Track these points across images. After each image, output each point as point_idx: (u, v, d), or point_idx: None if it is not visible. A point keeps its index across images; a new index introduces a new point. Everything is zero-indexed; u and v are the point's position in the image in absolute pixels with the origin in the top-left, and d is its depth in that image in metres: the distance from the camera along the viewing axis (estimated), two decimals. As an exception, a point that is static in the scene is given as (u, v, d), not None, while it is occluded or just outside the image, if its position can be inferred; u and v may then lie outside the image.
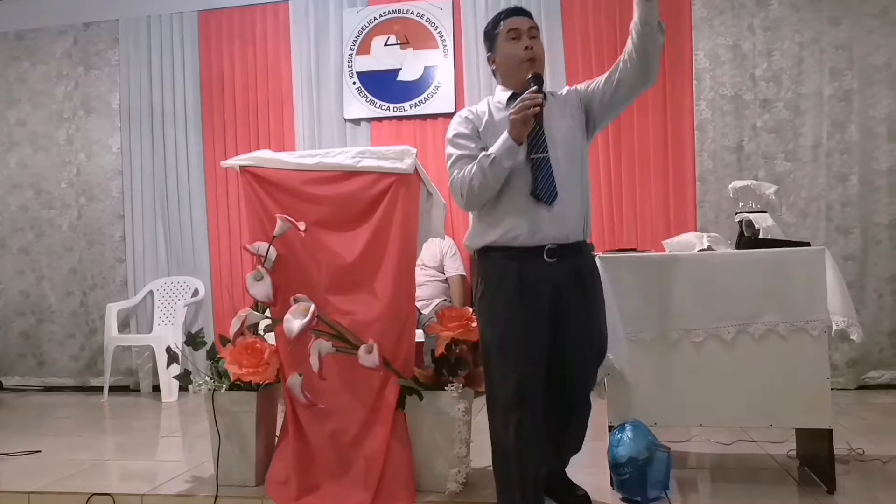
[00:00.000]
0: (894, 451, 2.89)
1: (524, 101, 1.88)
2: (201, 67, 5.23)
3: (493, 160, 1.91)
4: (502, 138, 1.92)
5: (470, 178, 1.94)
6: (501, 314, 1.98)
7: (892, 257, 4.44)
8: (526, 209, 1.96)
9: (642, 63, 1.92)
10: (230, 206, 5.12)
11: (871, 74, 4.48)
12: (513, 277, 1.97)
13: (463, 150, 2.05)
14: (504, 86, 2.14)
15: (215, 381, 2.62)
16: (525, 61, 2.05)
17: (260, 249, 2.59)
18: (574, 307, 2.02)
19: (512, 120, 1.89)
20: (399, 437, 2.47)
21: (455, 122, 2.13)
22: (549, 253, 1.97)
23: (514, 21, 2.10)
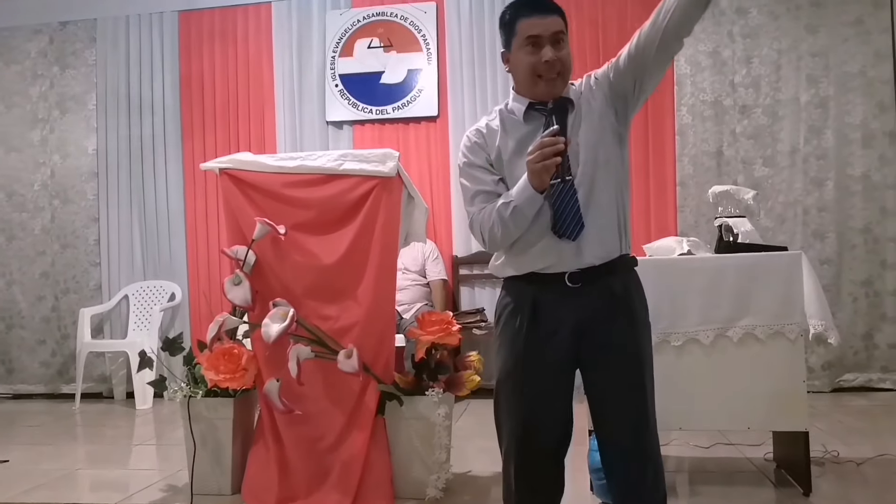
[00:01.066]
0: (868, 454, 2.92)
1: (543, 145, 1.54)
2: (181, 68, 5.18)
3: (513, 210, 1.61)
4: (522, 184, 1.60)
5: (490, 227, 1.66)
6: (511, 344, 1.70)
7: (867, 261, 4.50)
8: (548, 245, 1.65)
9: (693, 14, 1.59)
10: (209, 209, 5.07)
11: (846, 82, 4.54)
12: (528, 303, 1.67)
13: (479, 186, 1.72)
14: (518, 93, 1.74)
15: (191, 387, 2.59)
16: (540, 78, 1.65)
17: (238, 253, 2.57)
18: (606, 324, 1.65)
19: (531, 169, 1.56)
20: (378, 442, 2.46)
21: (465, 146, 1.78)
22: (572, 278, 1.64)
23: (534, 24, 1.64)
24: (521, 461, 1.70)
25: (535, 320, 1.66)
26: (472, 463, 3.04)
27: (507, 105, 1.77)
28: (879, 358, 4.48)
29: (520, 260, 1.69)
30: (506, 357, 1.71)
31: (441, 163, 4.92)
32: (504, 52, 1.74)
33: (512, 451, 1.70)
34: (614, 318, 1.65)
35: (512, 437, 1.70)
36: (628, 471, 1.66)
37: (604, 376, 1.66)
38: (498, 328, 1.75)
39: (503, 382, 1.72)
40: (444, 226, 4.90)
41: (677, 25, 1.59)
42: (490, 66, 4.87)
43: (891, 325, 4.47)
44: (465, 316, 4.40)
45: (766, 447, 2.92)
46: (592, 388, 1.69)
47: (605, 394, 1.67)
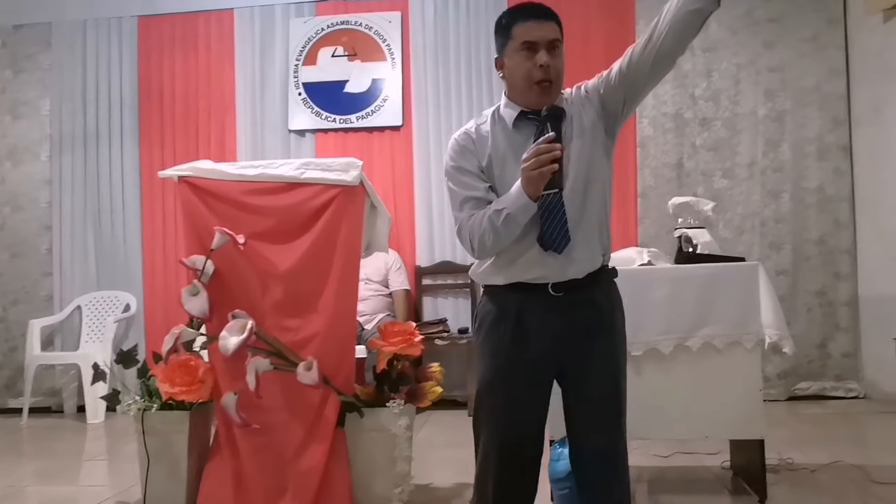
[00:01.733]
0: (823, 460, 2.98)
1: (539, 152, 1.52)
2: (140, 74, 5.08)
3: (506, 217, 1.58)
4: (516, 192, 1.57)
5: (481, 234, 1.62)
6: (494, 352, 1.69)
7: (821, 272, 4.62)
8: (535, 257, 1.64)
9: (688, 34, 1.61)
10: (166, 217, 4.97)
11: (802, 96, 4.67)
12: (512, 311, 1.67)
13: (469, 192, 1.68)
14: (511, 100, 1.73)
15: (146, 400, 2.52)
16: (537, 83, 1.64)
17: (196, 263, 2.51)
18: (587, 336, 1.68)
19: (526, 176, 1.54)
20: (338, 455, 2.42)
21: (453, 151, 1.75)
22: (556, 288, 1.65)
23: (531, 29, 1.63)
24: (501, 469, 1.69)
25: (518, 329, 1.67)
26: (433, 474, 3.02)
27: (499, 110, 1.75)
28: (833, 367, 4.59)
29: (508, 270, 1.68)
30: (488, 365, 1.70)
31: (405, 172, 4.91)
32: (498, 57, 1.74)
33: (492, 458, 1.69)
34: (597, 330, 1.68)
35: (492, 445, 1.69)
36: (600, 481, 1.70)
37: (584, 387, 1.69)
38: (480, 335, 1.74)
39: (485, 390, 1.71)
40: (407, 236, 4.88)
41: (671, 47, 1.60)
42: (455, 75, 4.88)
43: (844, 335, 4.59)
44: (428, 326, 4.38)
45: (724, 455, 2.95)
46: (572, 398, 1.71)
47: (585, 404, 1.69)
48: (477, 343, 1.75)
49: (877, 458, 3.10)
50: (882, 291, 4.38)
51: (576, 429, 1.72)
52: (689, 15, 1.55)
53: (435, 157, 4.87)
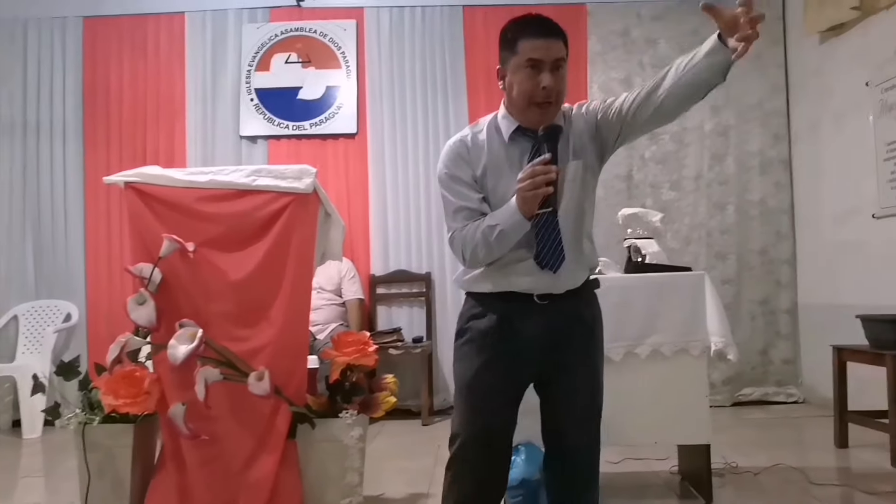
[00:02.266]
0: (765, 463, 3.08)
1: (535, 174, 1.52)
2: (84, 77, 4.93)
3: (499, 234, 1.60)
4: (510, 209, 1.59)
5: (474, 247, 1.64)
6: (477, 355, 1.70)
7: (763, 281, 4.78)
8: (528, 271, 1.66)
9: (691, 100, 1.61)
10: (111, 224, 4.82)
11: (745, 112, 4.84)
12: (497, 318, 1.69)
13: (463, 202, 1.68)
14: (509, 112, 1.71)
15: (87, 413, 2.43)
16: (536, 105, 1.63)
17: (143, 271, 2.44)
18: (570, 343, 1.71)
19: (522, 196, 1.55)
20: (289, 466, 2.38)
21: (448, 158, 1.73)
22: (541, 296, 1.67)
23: (538, 47, 1.61)
24: (479, 468, 1.71)
25: (502, 334, 1.69)
26: (385, 485, 3.00)
27: (497, 120, 1.74)
28: (774, 373, 4.75)
29: (498, 279, 1.69)
30: (470, 365, 1.72)
31: (359, 180, 4.89)
32: (500, 68, 1.71)
33: (469, 457, 1.71)
34: (580, 339, 1.73)
35: (471, 445, 1.71)
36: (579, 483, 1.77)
37: (566, 393, 1.73)
38: (463, 338, 1.75)
39: (466, 391, 1.73)
40: (361, 244, 4.86)
41: (673, 107, 1.63)
42: (410, 83, 4.90)
43: (784, 342, 4.76)
44: (382, 336, 4.36)
45: (672, 460, 3.02)
46: (553, 403, 1.76)
47: (566, 409, 1.74)
48: (459, 345, 1.77)
49: (814, 461, 3.22)
50: (820, 300, 4.56)
51: (556, 433, 1.76)
52: (696, 83, 1.56)
53: (390, 165, 4.87)
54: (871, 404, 3.37)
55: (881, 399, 3.16)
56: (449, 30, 4.89)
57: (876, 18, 3.98)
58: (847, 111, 4.28)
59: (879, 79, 3.95)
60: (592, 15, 4.87)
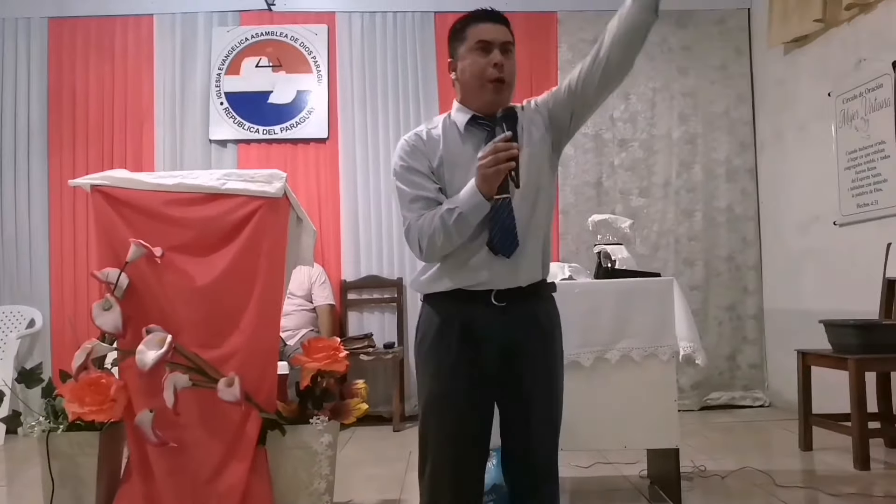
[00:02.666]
0: (732, 467, 3.13)
1: (497, 150, 1.53)
2: (49, 78, 4.84)
3: (458, 216, 1.58)
4: (469, 190, 1.57)
5: (431, 234, 1.61)
6: (439, 364, 1.69)
7: (730, 287, 4.87)
8: (483, 261, 1.65)
9: (633, 46, 1.64)
10: (76, 229, 4.72)
11: (712, 121, 4.94)
12: (457, 324, 1.67)
13: (419, 191, 1.67)
14: (463, 104, 1.72)
15: (51, 421, 2.37)
16: (491, 81, 1.65)
17: (109, 276, 2.40)
18: (528, 358, 1.70)
19: (483, 173, 1.54)
20: (259, 473, 2.35)
21: (402, 151, 1.72)
22: (498, 296, 1.66)
23: (485, 30, 1.66)
24: (454, 479, 1.68)
25: (463, 340, 1.66)
26: (356, 492, 2.99)
27: (450, 115, 1.75)
28: (741, 377, 4.83)
29: (454, 274, 1.67)
30: (434, 376, 1.69)
31: (331, 185, 4.87)
32: (451, 61, 1.73)
33: (445, 470, 1.68)
34: (538, 345, 1.70)
35: (443, 456, 1.68)
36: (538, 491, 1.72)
37: (526, 398, 1.70)
38: (424, 347, 1.72)
39: (433, 403, 1.70)
40: (332, 249, 4.83)
41: (618, 60, 1.65)
42: (381, 88, 4.89)
43: (751, 347, 4.85)
44: (353, 342, 4.33)
45: (642, 464, 3.05)
46: (512, 409, 1.72)
47: (526, 415, 1.70)
48: (420, 355, 1.74)
49: (780, 464, 3.28)
50: (785, 305, 4.65)
51: (514, 440, 1.73)
52: (632, 29, 1.60)
53: (361, 170, 4.86)
54: (835, 408, 3.44)
55: (844, 402, 3.24)
56: (420, 36, 4.90)
57: (838, 31, 4.09)
58: (810, 121, 4.38)
59: (841, 90, 4.06)
60: (563, 23, 4.92)
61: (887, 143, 3.70)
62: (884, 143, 3.72)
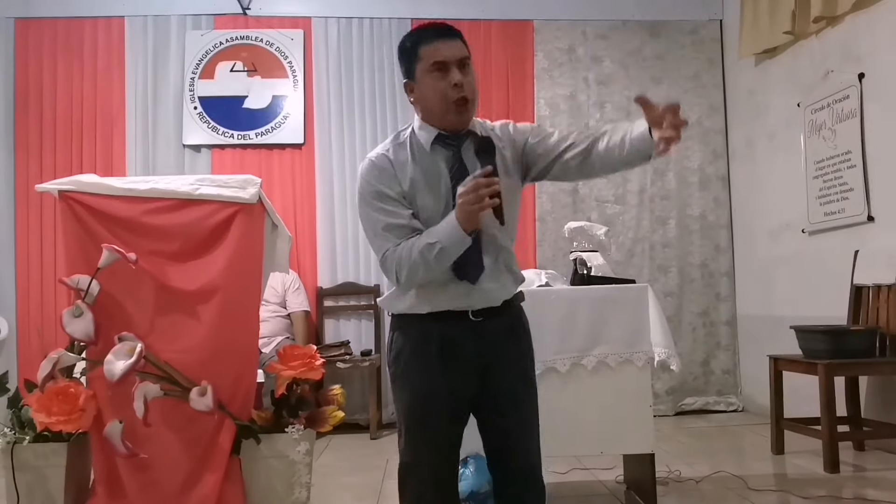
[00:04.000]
0: (706, 472, 3.16)
1: (479, 187, 1.48)
2: (16, 80, 4.73)
3: (439, 251, 1.53)
4: (450, 225, 1.53)
5: (411, 267, 1.57)
6: (419, 381, 1.67)
7: (704, 294, 4.93)
8: (457, 287, 1.63)
9: (615, 169, 1.69)
10: (44, 234, 4.62)
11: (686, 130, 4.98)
12: (435, 341, 1.65)
13: (391, 219, 1.61)
14: (425, 122, 1.66)
15: (17, 432, 2.31)
16: (454, 103, 1.59)
17: (80, 283, 2.34)
18: (506, 361, 1.70)
19: (467, 210, 1.49)
20: (233, 483, 2.31)
21: (371, 174, 1.64)
22: (475, 313, 1.66)
23: (439, 49, 1.59)
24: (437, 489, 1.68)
25: (442, 357, 1.65)
26: (333, 500, 2.96)
27: (415, 132, 1.68)
28: (715, 383, 4.89)
29: (435, 298, 1.64)
30: (414, 393, 1.67)
31: (307, 191, 4.83)
32: (407, 81, 1.67)
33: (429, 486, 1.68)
34: (513, 353, 1.71)
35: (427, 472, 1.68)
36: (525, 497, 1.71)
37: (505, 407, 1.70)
38: (400, 364, 1.69)
39: (414, 420, 1.68)
40: (308, 256, 4.79)
41: (601, 173, 1.70)
42: (358, 94, 4.88)
43: (724, 352, 4.91)
44: (330, 349, 4.30)
45: (618, 470, 3.07)
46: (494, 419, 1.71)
47: (507, 423, 1.70)
48: (397, 370, 1.71)
49: (753, 468, 3.32)
50: (757, 312, 4.72)
51: (500, 449, 1.72)
52: (623, 161, 1.63)
53: (338, 176, 4.83)
54: (806, 412, 3.50)
55: (815, 407, 3.29)
56: (397, 42, 4.86)
57: (806, 43, 4.17)
58: (780, 131, 4.47)
59: (809, 100, 4.14)
60: (539, 31, 4.96)
61: (853, 153, 3.78)
62: (850, 152, 3.81)
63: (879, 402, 3.58)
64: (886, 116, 3.58)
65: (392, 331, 1.73)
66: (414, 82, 1.65)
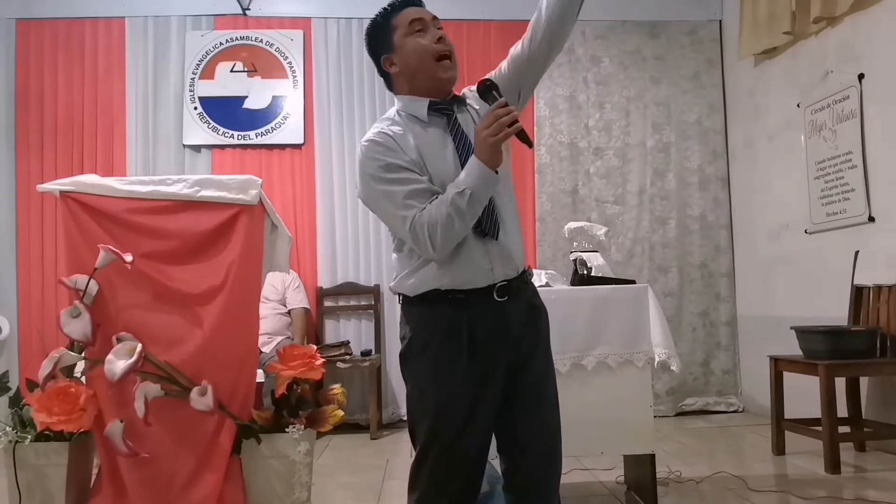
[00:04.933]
0: (706, 472, 3.16)
1: (498, 115, 1.47)
2: (17, 81, 4.73)
3: (470, 197, 1.47)
4: (473, 167, 1.49)
5: (445, 224, 1.48)
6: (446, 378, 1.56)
7: (703, 294, 4.93)
8: (476, 246, 1.55)
9: (567, 18, 1.63)
10: (45, 235, 4.62)
11: (685, 130, 5.00)
12: (464, 334, 1.56)
13: (411, 185, 1.53)
14: (412, 93, 1.63)
15: (18, 431, 2.31)
16: (442, 57, 1.59)
17: (78, 283, 2.34)
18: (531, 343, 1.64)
19: (490, 142, 1.46)
20: (233, 483, 2.31)
21: (375, 151, 1.57)
22: (500, 291, 1.57)
23: (411, 11, 1.62)
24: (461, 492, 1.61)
25: (472, 350, 1.56)
26: (333, 500, 2.96)
27: (403, 109, 1.64)
28: (715, 383, 4.89)
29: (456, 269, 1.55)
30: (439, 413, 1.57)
31: (307, 191, 4.83)
32: (386, 56, 1.64)
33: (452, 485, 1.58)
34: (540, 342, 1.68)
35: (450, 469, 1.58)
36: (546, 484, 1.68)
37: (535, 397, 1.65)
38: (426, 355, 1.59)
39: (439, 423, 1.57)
40: (308, 256, 4.80)
41: (559, 19, 1.63)
42: (358, 94, 4.88)
43: (724, 353, 4.91)
44: (330, 349, 4.30)
45: (618, 470, 3.07)
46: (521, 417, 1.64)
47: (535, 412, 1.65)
48: (416, 362, 1.62)
49: (753, 468, 3.32)
50: (757, 312, 4.72)
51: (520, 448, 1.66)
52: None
53: (338, 176, 4.84)
54: (806, 412, 3.50)
55: (815, 407, 3.29)
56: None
57: (806, 43, 4.18)
58: (780, 131, 4.47)
59: (809, 101, 4.14)
60: (539, 32, 4.95)
61: (854, 154, 3.78)
62: (851, 153, 3.81)
63: (880, 402, 3.58)
64: (886, 117, 3.58)
65: (409, 319, 1.65)
66: (394, 53, 1.63)
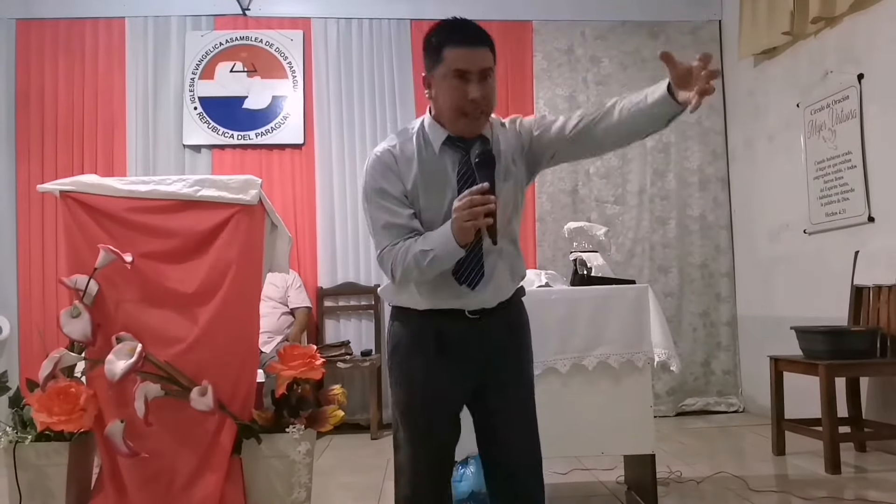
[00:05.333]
0: (707, 472, 3.16)
1: (474, 203, 1.46)
2: (17, 81, 4.73)
3: (432, 259, 1.53)
4: (444, 235, 1.52)
5: (406, 269, 1.57)
6: (417, 376, 1.67)
7: (704, 294, 4.93)
8: (451, 287, 1.63)
9: (631, 140, 1.68)
10: (45, 235, 4.62)
11: (685, 130, 5.00)
12: (433, 336, 1.65)
13: (393, 218, 1.60)
14: (438, 118, 1.64)
15: (18, 431, 2.31)
16: (464, 115, 1.57)
17: (78, 283, 2.34)
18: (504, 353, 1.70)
19: (459, 226, 1.48)
20: (233, 483, 2.31)
21: (375, 170, 1.63)
22: (472, 313, 1.66)
23: (463, 56, 1.54)
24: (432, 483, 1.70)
25: (442, 353, 1.65)
26: (333, 501, 2.96)
27: (425, 128, 1.66)
28: (715, 383, 4.89)
29: (431, 296, 1.65)
30: (411, 386, 1.69)
31: (307, 191, 4.83)
32: (427, 76, 1.63)
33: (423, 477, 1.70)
34: (513, 348, 1.72)
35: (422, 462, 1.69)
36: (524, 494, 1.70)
37: (505, 404, 1.70)
38: (398, 355, 1.71)
39: (409, 412, 1.70)
40: (308, 256, 4.80)
41: (611, 145, 1.66)
42: (358, 94, 4.88)
43: (724, 353, 4.91)
44: (330, 349, 4.30)
45: (619, 470, 3.07)
46: (492, 416, 1.71)
47: (506, 420, 1.70)
48: (393, 365, 1.73)
49: (754, 468, 3.32)
50: (757, 312, 4.72)
51: (496, 447, 1.71)
52: (636, 130, 1.61)
53: (338, 176, 4.83)
54: (807, 412, 3.50)
55: (816, 407, 3.29)
56: (397, 43, 4.90)
57: (805, 44, 4.18)
58: (780, 131, 4.47)
59: (809, 101, 4.14)
60: (538, 32, 4.96)
61: (853, 154, 3.78)
62: (850, 153, 3.81)
63: (880, 402, 3.58)
64: (886, 117, 3.58)
65: (392, 321, 1.75)
66: (432, 78, 1.62)
